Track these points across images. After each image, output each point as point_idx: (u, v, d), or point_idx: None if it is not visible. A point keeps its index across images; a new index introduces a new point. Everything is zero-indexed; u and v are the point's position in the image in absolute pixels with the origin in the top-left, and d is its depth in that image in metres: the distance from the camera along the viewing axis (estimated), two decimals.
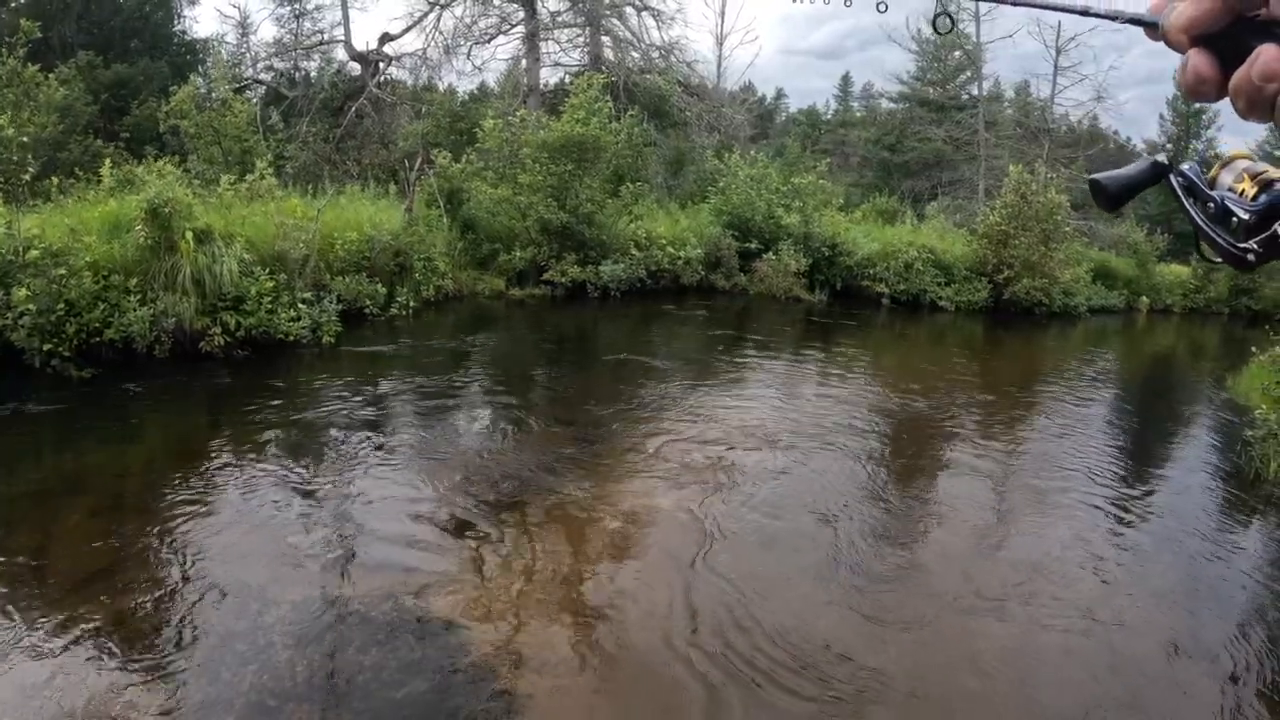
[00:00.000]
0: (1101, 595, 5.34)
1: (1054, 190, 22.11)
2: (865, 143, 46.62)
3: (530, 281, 16.32)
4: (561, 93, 24.59)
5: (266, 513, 5.72)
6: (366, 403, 8.66)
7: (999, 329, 19.26)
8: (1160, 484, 8.11)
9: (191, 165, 16.36)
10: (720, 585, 4.95)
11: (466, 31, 27.64)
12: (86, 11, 25.21)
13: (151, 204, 9.75)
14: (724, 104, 31.67)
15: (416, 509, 5.90)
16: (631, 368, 11.32)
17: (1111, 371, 15.47)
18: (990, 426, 9.63)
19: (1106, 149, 47.45)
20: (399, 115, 25.21)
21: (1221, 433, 10.41)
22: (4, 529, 5.41)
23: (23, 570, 4.82)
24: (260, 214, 12.11)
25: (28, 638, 4.08)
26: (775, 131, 59.10)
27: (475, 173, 17.32)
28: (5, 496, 5.97)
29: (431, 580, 4.82)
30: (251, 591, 4.60)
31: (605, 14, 28.54)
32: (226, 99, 18.52)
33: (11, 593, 4.51)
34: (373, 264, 13.15)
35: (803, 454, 7.68)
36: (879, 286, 20.35)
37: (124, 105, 22.30)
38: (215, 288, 9.94)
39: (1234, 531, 6.89)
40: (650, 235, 18.17)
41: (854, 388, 11.31)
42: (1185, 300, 28.86)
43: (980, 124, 34.59)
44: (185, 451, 7.19)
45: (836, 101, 69.42)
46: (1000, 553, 5.96)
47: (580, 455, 7.26)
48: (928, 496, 7.21)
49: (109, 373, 8.91)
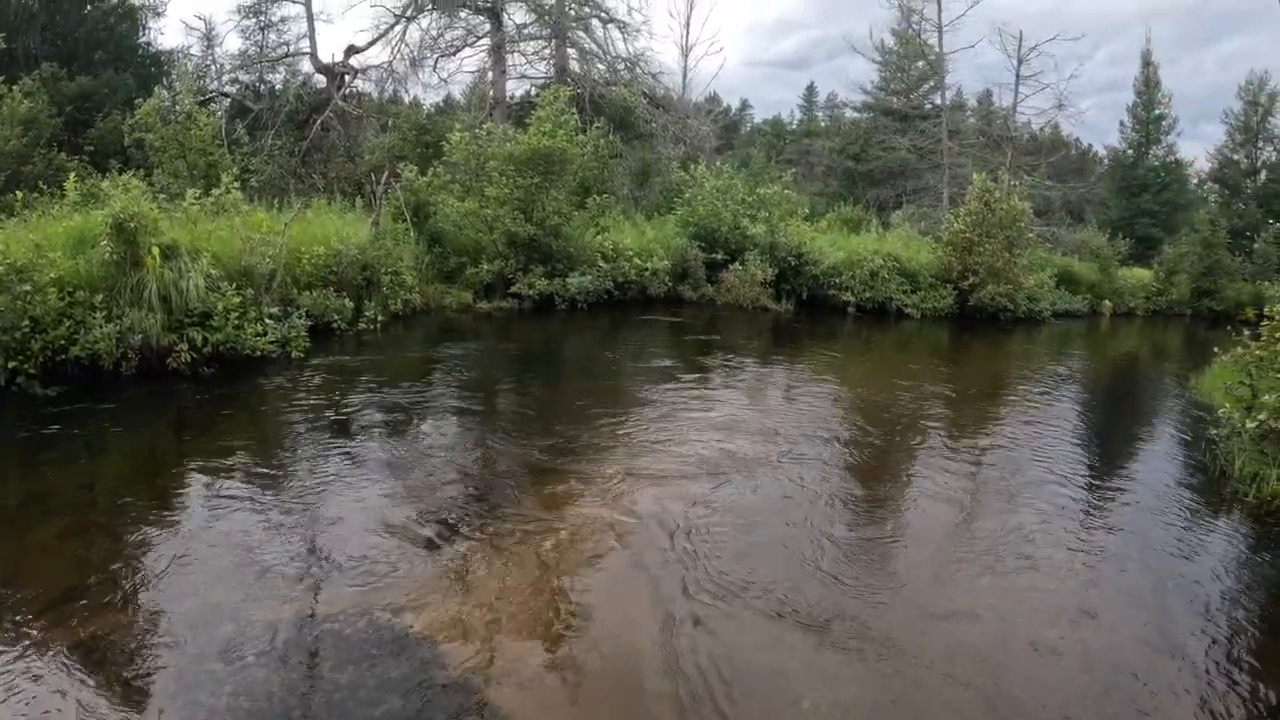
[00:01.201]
0: (1072, 595, 5.47)
1: (1017, 198, 22.50)
2: (830, 152, 47.19)
3: (498, 294, 16.41)
4: (528, 105, 24.73)
5: (238, 530, 5.73)
6: (336, 418, 8.69)
7: (965, 335, 19.51)
8: (1127, 484, 8.25)
9: (157, 179, 16.28)
10: (693, 598, 5.04)
11: (432, 44, 27.73)
12: (51, 23, 25.01)
13: (117, 219, 9.72)
14: (689, 115, 31.92)
15: (388, 524, 5.95)
16: (600, 380, 11.44)
17: (1076, 374, 15.71)
18: (957, 432, 9.79)
19: (1068, 156, 48.29)
20: (365, 128, 25.22)
21: (1186, 432, 10.59)
22: None
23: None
24: (226, 228, 12.09)
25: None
26: (740, 142, 59.61)
27: (442, 186, 17.40)
28: None
29: (405, 596, 4.86)
30: (225, 611, 4.62)
31: (571, 26, 28.72)
32: (192, 112, 18.44)
33: None
34: (340, 278, 13.18)
35: (773, 464, 7.80)
36: (845, 295, 20.57)
37: (88, 118, 22.12)
38: (182, 304, 9.93)
39: (1200, 529, 7.04)
40: (617, 247, 18.32)
41: (821, 397, 11.47)
42: (1148, 303, 29.37)
43: (944, 133, 35.10)
44: (154, 470, 7.19)
45: (801, 111, 70.17)
46: (969, 557, 6.06)
47: (551, 468, 7.34)
48: (896, 503, 7.34)
49: (75, 390, 8.87)
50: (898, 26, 39.25)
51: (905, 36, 39.28)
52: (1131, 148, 46.18)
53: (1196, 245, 30.33)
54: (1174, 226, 40.58)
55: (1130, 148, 46.30)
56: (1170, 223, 42.03)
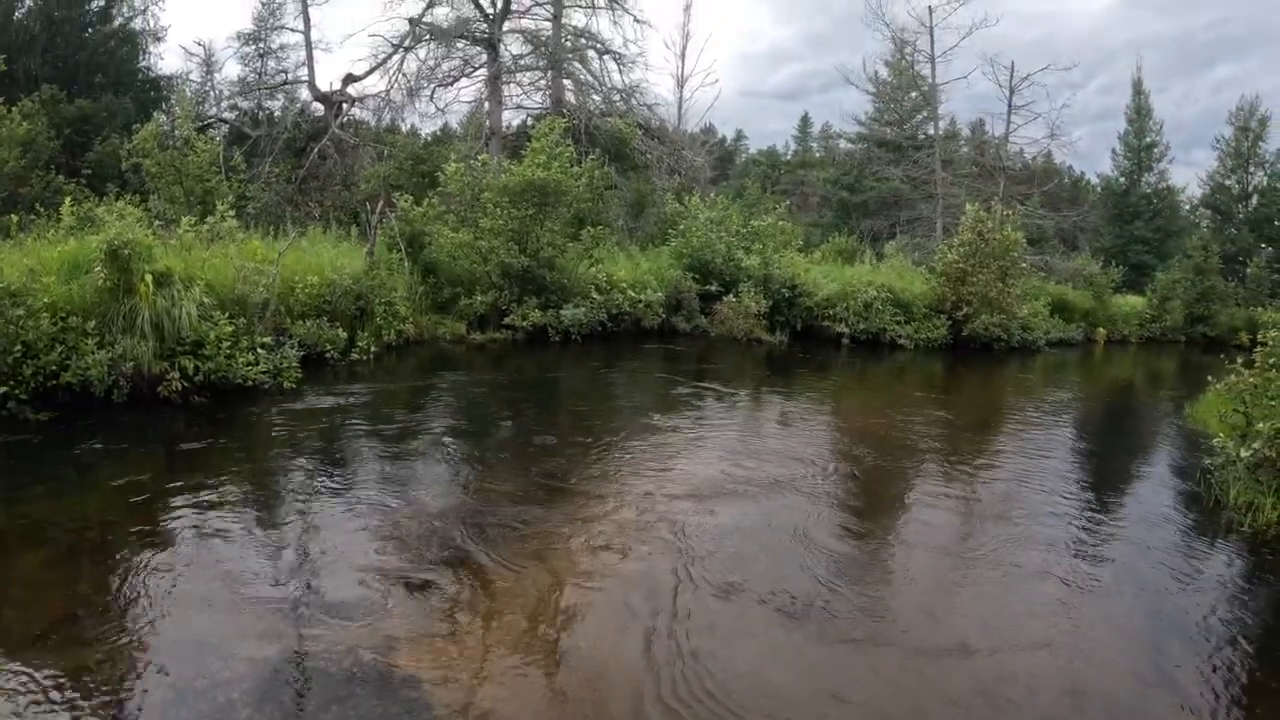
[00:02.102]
0: (1065, 629, 5.44)
1: (1010, 227, 22.62)
2: (824, 183, 47.67)
3: (491, 325, 16.42)
4: (523, 135, 24.87)
5: (226, 563, 5.69)
6: (327, 449, 8.68)
7: (959, 365, 19.55)
8: (1121, 514, 8.25)
9: (153, 205, 16.32)
10: (685, 637, 5.01)
11: (430, 74, 28.00)
12: (51, 45, 25.25)
13: (111, 245, 9.72)
14: (684, 146, 32.14)
15: (377, 560, 5.92)
16: (593, 412, 11.43)
17: (1071, 403, 15.75)
18: (951, 463, 9.78)
19: (1061, 184, 48.66)
20: (361, 157, 25.35)
21: (1181, 461, 10.60)
22: None
23: None
24: (221, 256, 12.12)
25: None
26: (735, 172, 59.98)
27: (437, 216, 17.45)
28: None
29: (392, 633, 4.83)
30: (211, 646, 4.58)
31: (567, 57, 29.03)
32: (190, 138, 18.52)
33: None
34: (333, 308, 13.19)
35: (766, 498, 7.79)
36: (839, 326, 20.62)
37: (86, 141, 22.27)
38: (174, 332, 9.91)
39: (1195, 559, 7.00)
40: (611, 279, 18.36)
41: (816, 429, 11.48)
42: (1142, 329, 29.52)
43: (937, 163, 35.39)
44: (143, 499, 7.10)
45: (796, 142, 70.78)
46: (963, 591, 6.06)
47: (542, 502, 7.31)
48: (890, 536, 7.31)
49: (66, 416, 8.85)
50: (891, 58, 39.74)
51: (899, 68, 39.73)
52: (1124, 175, 46.79)
53: (1189, 271, 30.59)
54: (1167, 253, 40.95)
55: (1122, 175, 46.92)
56: (1163, 249, 42.50)
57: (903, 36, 36.29)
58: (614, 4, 29.01)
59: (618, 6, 29.01)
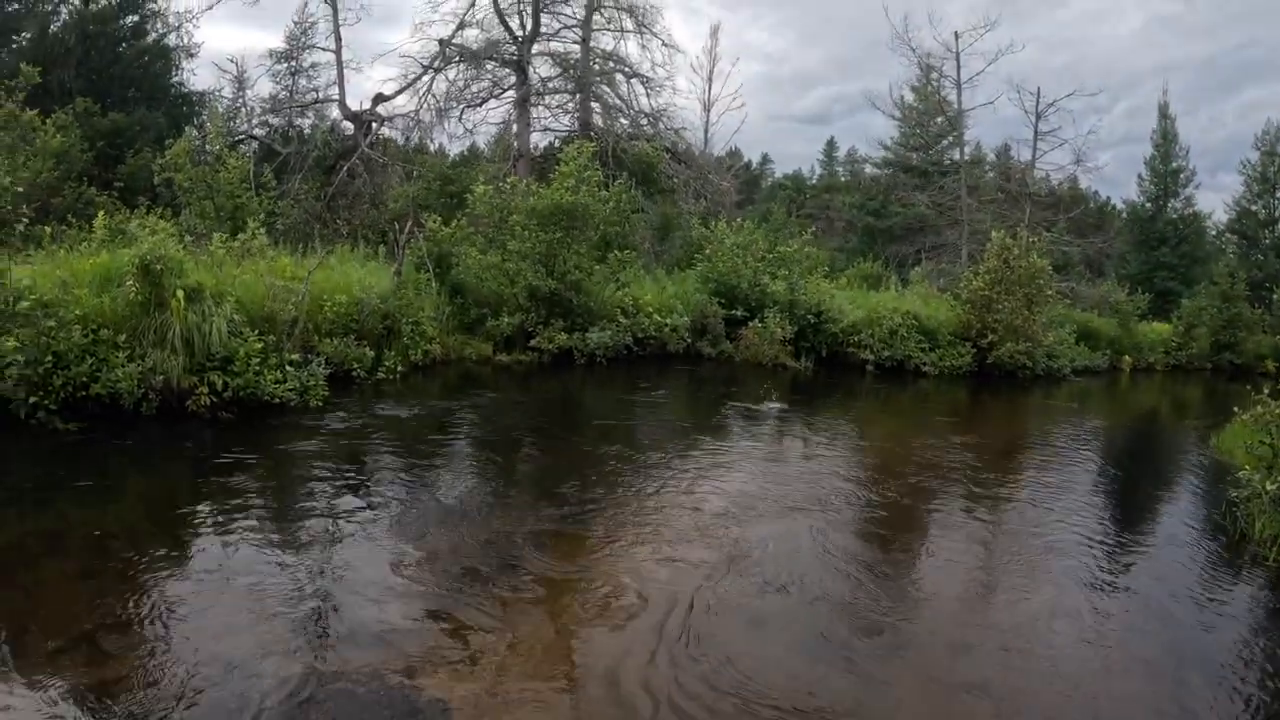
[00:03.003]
0: (1088, 664, 5.34)
1: (1036, 254, 22.42)
2: (849, 208, 47.47)
3: (517, 347, 16.37)
4: (551, 157, 24.93)
5: (251, 580, 5.65)
6: (352, 468, 8.64)
7: (984, 393, 19.40)
8: (1145, 547, 8.11)
9: (184, 219, 16.39)
10: (709, 664, 4.93)
11: (458, 95, 28.12)
12: (86, 59, 25.53)
13: (143, 260, 9.78)
14: (710, 170, 32.16)
15: (402, 581, 5.87)
16: (618, 436, 11.34)
17: (1095, 432, 15.57)
18: (975, 492, 9.65)
19: (1087, 210, 48.35)
20: (390, 176, 25.44)
21: (1206, 492, 10.44)
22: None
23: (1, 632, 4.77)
24: (251, 273, 12.16)
25: (3, 705, 4.03)
26: (761, 196, 59.96)
27: (465, 237, 17.46)
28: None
29: (417, 656, 4.78)
30: (236, 664, 4.54)
31: (595, 81, 29.13)
32: (221, 154, 18.63)
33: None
34: (361, 327, 13.19)
35: (790, 526, 7.68)
36: (864, 353, 20.46)
37: (119, 154, 22.48)
38: (204, 347, 9.95)
39: (1220, 594, 6.88)
40: (637, 302, 18.31)
41: (840, 456, 11.33)
42: (1168, 357, 29.13)
43: (962, 189, 35.09)
44: (169, 513, 7.12)
45: (821, 166, 70.85)
46: (986, 624, 5.96)
47: (567, 526, 7.25)
48: (913, 567, 7.19)
49: (94, 427, 8.89)
50: (917, 83, 39.61)
51: (924, 93, 39.62)
52: (1149, 201, 46.33)
53: (1215, 298, 30.12)
54: (1193, 279, 40.46)
55: (1148, 201, 46.46)
56: (1189, 275, 41.97)
57: (929, 62, 36.15)
58: (642, 28, 29.14)
59: (646, 30, 29.14)
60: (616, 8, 29.18)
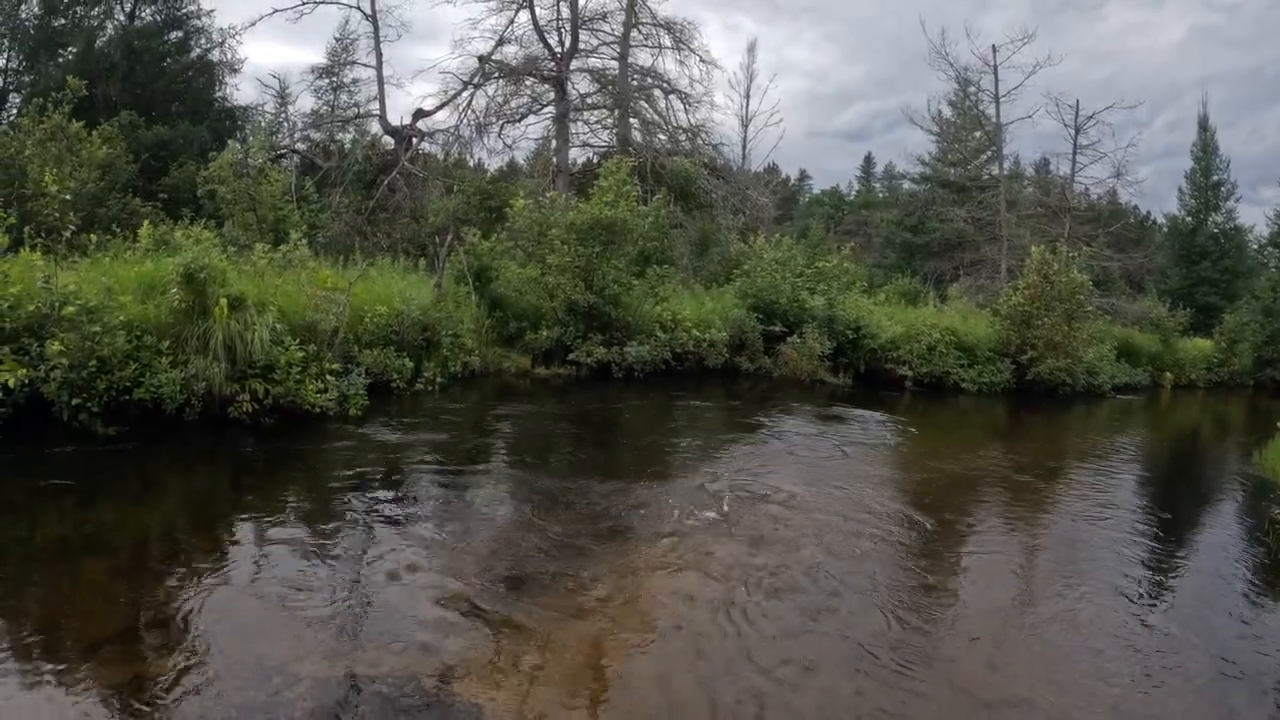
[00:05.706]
0: (1130, 682, 5.19)
1: (1076, 269, 22.11)
2: (887, 224, 47.11)
3: (556, 360, 16.32)
4: (590, 173, 24.96)
5: (288, 584, 5.64)
6: (390, 477, 8.58)
7: (1023, 410, 19.11)
8: (1187, 565, 7.91)
9: (227, 231, 16.53)
10: (746, 678, 4.82)
11: (498, 110, 28.30)
12: (131, 73, 25.94)
13: (188, 268, 9.85)
14: (748, 186, 32.09)
15: (438, 588, 5.80)
16: (656, 450, 11.21)
17: (1136, 449, 15.28)
18: (1016, 508, 9.50)
19: (1127, 225, 47.75)
20: (430, 190, 25.60)
21: (1249, 510, 10.23)
22: (23, 583, 5.40)
23: (39, 628, 4.80)
24: (292, 283, 12.20)
25: (41, 700, 4.03)
26: (799, 212, 59.87)
27: (504, 251, 17.47)
28: (26, 550, 6.00)
29: (453, 662, 4.72)
30: (272, 665, 4.51)
31: (634, 97, 29.20)
32: (263, 167, 18.78)
33: (26, 651, 4.48)
34: (401, 338, 13.17)
35: (829, 541, 7.49)
36: (902, 369, 20.26)
37: (163, 166, 22.78)
38: (246, 355, 9.96)
39: (1264, 613, 6.69)
40: (675, 317, 18.20)
41: (879, 470, 11.10)
42: (1209, 374, 28.64)
43: (1001, 204, 34.70)
44: (208, 516, 7.17)
45: (859, 182, 70.67)
46: (1026, 640, 5.79)
47: (605, 538, 7.12)
48: (954, 582, 7.02)
49: (135, 431, 8.94)
50: (955, 98, 39.36)
51: (962, 107, 39.35)
52: (1190, 215, 45.72)
53: (1257, 313, 29.63)
54: (1235, 294, 39.89)
55: (1189, 215, 45.85)
56: (1231, 290, 41.35)
57: (966, 76, 35.95)
58: (680, 44, 29.20)
59: (684, 47, 29.19)
60: (654, 24, 29.31)
